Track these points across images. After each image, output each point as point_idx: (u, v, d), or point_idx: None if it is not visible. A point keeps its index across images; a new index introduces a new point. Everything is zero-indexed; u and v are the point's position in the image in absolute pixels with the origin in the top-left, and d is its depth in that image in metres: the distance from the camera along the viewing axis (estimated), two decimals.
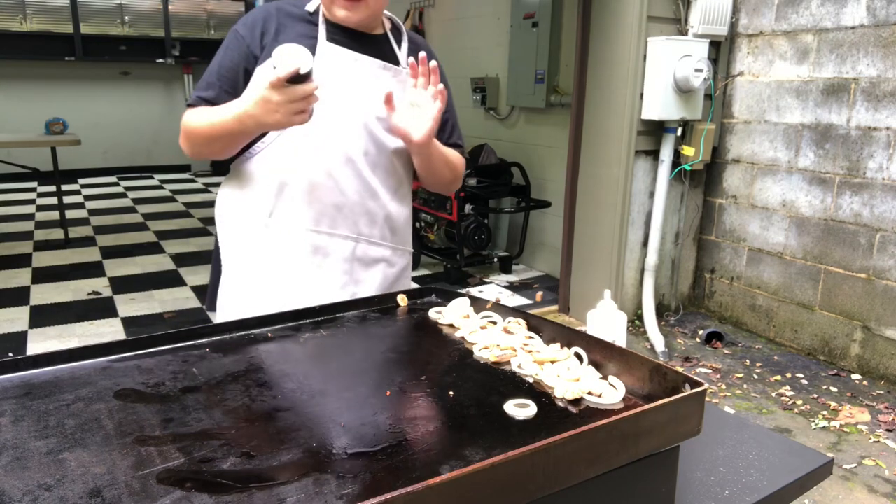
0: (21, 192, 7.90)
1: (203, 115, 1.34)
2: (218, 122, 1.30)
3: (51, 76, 8.74)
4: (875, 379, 3.27)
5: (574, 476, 0.72)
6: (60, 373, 0.94)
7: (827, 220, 3.45)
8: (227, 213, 1.48)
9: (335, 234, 1.42)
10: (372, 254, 1.48)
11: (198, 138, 1.36)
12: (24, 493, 0.66)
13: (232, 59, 1.39)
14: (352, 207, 1.42)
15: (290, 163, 1.38)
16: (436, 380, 0.96)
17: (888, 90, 3.13)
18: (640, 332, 3.80)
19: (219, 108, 1.31)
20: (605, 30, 3.65)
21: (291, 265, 1.41)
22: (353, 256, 1.45)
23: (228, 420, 0.82)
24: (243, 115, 1.24)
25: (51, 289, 4.42)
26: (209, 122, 1.31)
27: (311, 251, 1.41)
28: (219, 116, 1.29)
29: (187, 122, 1.37)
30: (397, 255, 1.54)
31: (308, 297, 1.36)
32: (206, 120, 1.32)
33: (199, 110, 1.36)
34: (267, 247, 1.41)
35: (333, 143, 1.39)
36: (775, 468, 1.02)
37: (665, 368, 0.88)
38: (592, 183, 3.86)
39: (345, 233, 1.43)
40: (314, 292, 1.40)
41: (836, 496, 2.36)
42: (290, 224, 1.40)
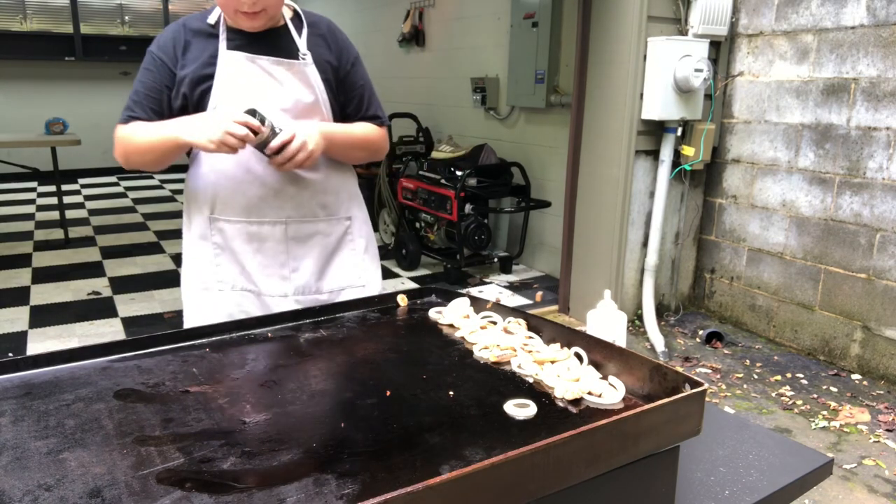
0: (21, 192, 7.90)
1: (139, 131, 1.47)
2: (156, 138, 1.45)
3: (51, 76, 8.74)
4: (875, 379, 3.27)
5: (574, 476, 0.72)
6: (60, 373, 0.94)
7: (827, 220, 3.45)
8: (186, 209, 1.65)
9: (265, 222, 1.55)
10: (304, 230, 1.60)
11: (133, 152, 1.50)
12: (24, 493, 0.66)
13: (154, 79, 1.52)
14: (275, 195, 1.55)
15: (218, 164, 1.52)
16: (436, 380, 0.96)
17: (888, 90, 3.13)
18: (640, 332, 3.80)
19: (155, 126, 1.47)
20: (605, 30, 3.65)
21: (234, 253, 1.57)
22: (286, 237, 1.58)
23: (228, 420, 0.82)
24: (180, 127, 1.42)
25: (51, 289, 4.42)
26: (146, 139, 1.46)
27: (247, 239, 1.56)
28: (156, 133, 1.45)
29: (122, 137, 1.50)
30: (332, 224, 1.65)
31: (253, 278, 1.56)
32: (143, 136, 1.47)
33: (134, 126, 1.49)
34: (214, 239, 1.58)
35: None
36: (775, 468, 1.02)
37: (665, 368, 0.88)
38: (592, 183, 3.86)
39: (273, 218, 1.56)
40: (257, 273, 1.57)
41: (836, 496, 2.36)
42: (228, 218, 1.56)
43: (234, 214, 1.55)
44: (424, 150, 5.61)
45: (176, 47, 1.53)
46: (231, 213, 1.56)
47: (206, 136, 1.36)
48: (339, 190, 1.66)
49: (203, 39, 1.53)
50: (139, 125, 1.49)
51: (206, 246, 1.59)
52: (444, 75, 5.97)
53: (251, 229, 1.56)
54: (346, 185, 1.69)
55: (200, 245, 1.60)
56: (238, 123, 1.36)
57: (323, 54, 1.60)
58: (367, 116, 1.69)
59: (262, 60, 1.52)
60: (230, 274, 1.58)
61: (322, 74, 1.59)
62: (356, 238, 1.70)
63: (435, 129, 5.90)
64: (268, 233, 1.57)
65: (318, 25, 1.63)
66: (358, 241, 1.70)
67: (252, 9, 1.45)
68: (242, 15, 1.47)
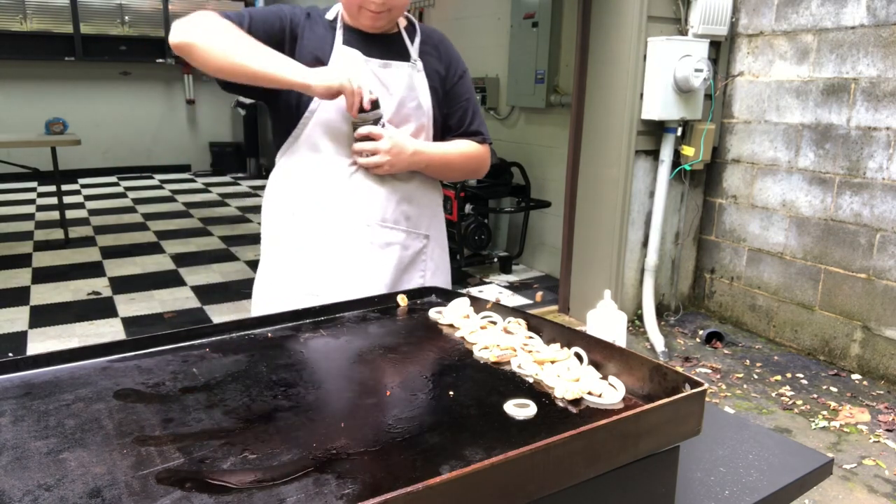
0: (21, 192, 7.90)
1: (245, 37, 1.35)
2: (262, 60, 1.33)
3: (51, 76, 8.75)
4: (875, 379, 3.27)
5: (574, 476, 0.72)
6: (60, 373, 0.94)
7: (827, 220, 3.45)
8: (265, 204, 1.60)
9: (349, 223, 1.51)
10: (383, 237, 1.54)
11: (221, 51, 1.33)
12: (24, 493, 0.66)
13: (274, 21, 1.45)
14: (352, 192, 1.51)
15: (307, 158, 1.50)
16: (436, 380, 0.96)
17: (888, 90, 3.13)
18: (640, 332, 3.80)
19: (265, 48, 1.35)
20: (605, 30, 3.65)
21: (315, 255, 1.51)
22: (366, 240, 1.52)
23: (228, 420, 0.82)
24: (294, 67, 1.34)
25: (51, 289, 4.42)
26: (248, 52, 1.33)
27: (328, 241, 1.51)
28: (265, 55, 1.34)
29: (216, 27, 1.35)
30: (411, 238, 1.59)
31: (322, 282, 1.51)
32: (247, 46, 1.34)
33: (236, 28, 1.37)
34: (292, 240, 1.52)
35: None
36: (775, 468, 1.02)
37: (665, 368, 0.88)
38: (592, 183, 3.86)
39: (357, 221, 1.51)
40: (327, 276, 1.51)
41: (836, 496, 2.36)
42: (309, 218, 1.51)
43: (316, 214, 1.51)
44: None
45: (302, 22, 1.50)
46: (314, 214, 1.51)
47: (326, 78, 1.33)
48: (424, 204, 1.61)
49: (323, 29, 1.51)
50: (243, 34, 1.37)
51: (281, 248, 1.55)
52: None
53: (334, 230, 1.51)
54: (431, 201, 1.65)
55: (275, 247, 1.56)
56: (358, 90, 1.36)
57: (432, 63, 1.59)
58: (470, 132, 1.67)
59: (373, 63, 1.50)
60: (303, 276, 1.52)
61: (429, 82, 1.56)
62: (428, 260, 1.64)
63: None
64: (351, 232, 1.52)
65: (430, 36, 1.62)
66: (429, 264, 1.64)
67: (379, 8, 1.43)
68: (367, 13, 1.45)
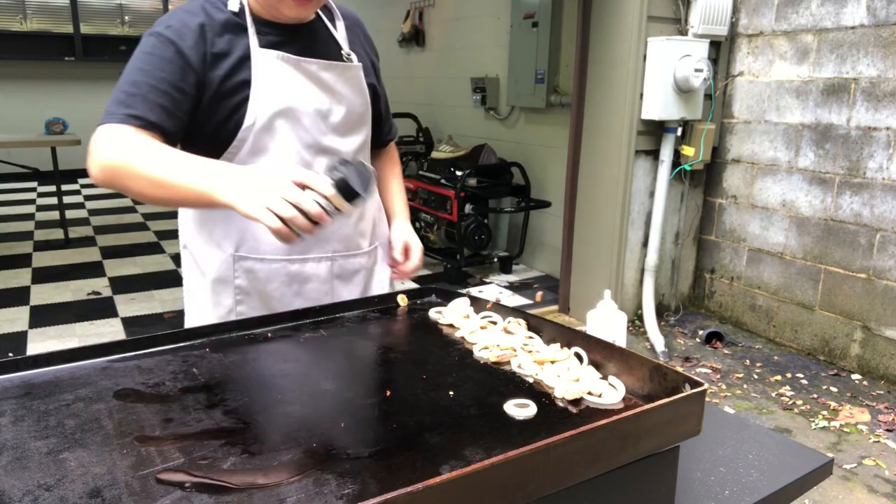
0: (21, 192, 7.90)
1: (147, 152, 1.06)
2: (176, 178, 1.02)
3: (51, 76, 8.75)
4: (875, 379, 3.27)
5: (574, 476, 0.72)
6: (60, 373, 0.94)
7: (827, 220, 3.45)
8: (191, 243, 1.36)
9: (309, 259, 1.32)
10: (349, 267, 1.39)
11: (133, 177, 1.06)
12: (24, 493, 0.66)
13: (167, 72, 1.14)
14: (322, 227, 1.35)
15: None
16: (436, 380, 0.96)
17: (888, 90, 3.13)
18: (640, 332, 3.80)
19: (173, 157, 1.06)
20: (605, 30, 3.65)
21: (267, 298, 1.32)
22: (331, 275, 1.36)
23: (228, 420, 0.82)
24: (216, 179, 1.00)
25: (51, 289, 4.42)
26: (160, 172, 1.03)
27: (286, 281, 1.31)
28: (178, 171, 1.03)
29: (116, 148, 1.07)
30: (371, 255, 1.45)
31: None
32: (155, 165, 1.04)
33: (137, 140, 1.08)
34: (239, 283, 1.30)
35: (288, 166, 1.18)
36: (775, 468, 1.02)
37: (665, 368, 0.88)
38: (592, 183, 3.86)
39: (318, 254, 1.33)
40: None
41: (836, 496, 2.36)
42: (261, 255, 1.29)
43: (269, 252, 1.28)
44: (424, 150, 5.61)
45: (202, 38, 1.17)
46: (266, 252, 1.28)
47: (259, 203, 0.94)
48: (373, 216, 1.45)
49: (229, 32, 1.20)
50: (146, 143, 1.08)
51: (226, 291, 1.31)
52: (444, 75, 5.97)
53: (292, 269, 1.31)
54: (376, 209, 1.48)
55: (217, 291, 1.31)
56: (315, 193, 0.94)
57: (362, 54, 1.37)
58: (389, 137, 1.51)
59: (310, 65, 1.25)
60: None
61: (367, 78, 1.35)
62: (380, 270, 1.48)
63: (435, 129, 5.90)
64: (311, 271, 1.33)
65: (349, 17, 1.39)
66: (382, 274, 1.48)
67: None
68: (291, 2, 1.19)
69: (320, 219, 0.95)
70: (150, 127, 1.11)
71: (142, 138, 1.09)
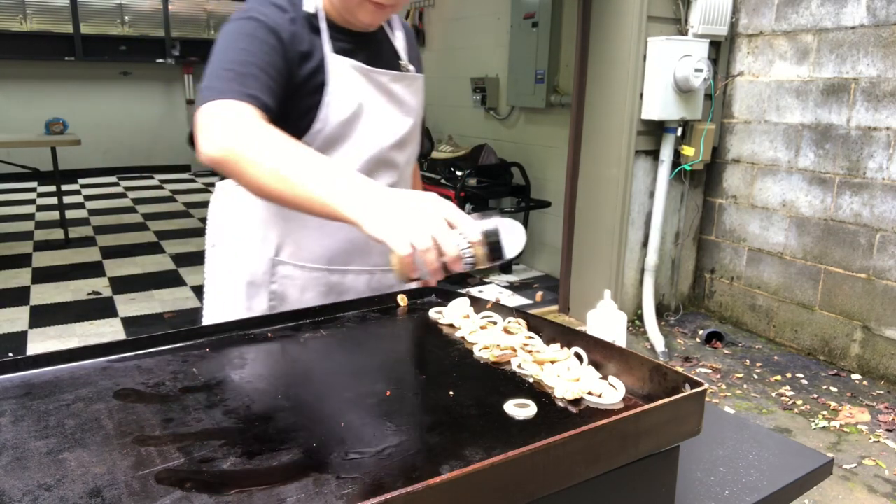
0: (21, 192, 7.90)
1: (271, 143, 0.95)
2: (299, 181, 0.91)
3: (51, 76, 8.75)
4: (875, 379, 3.27)
5: (574, 476, 0.72)
6: (60, 373, 0.94)
7: (827, 220, 3.45)
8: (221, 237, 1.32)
9: (349, 271, 1.30)
10: (386, 281, 1.35)
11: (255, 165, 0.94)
12: (24, 493, 0.66)
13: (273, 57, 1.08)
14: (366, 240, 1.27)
15: None
16: (436, 380, 0.96)
17: (888, 90, 3.13)
18: (640, 332, 3.80)
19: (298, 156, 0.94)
20: (605, 30, 3.65)
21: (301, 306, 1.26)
22: (368, 289, 1.33)
23: (228, 420, 0.82)
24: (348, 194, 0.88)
25: (51, 289, 4.42)
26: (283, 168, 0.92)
27: (324, 291, 1.29)
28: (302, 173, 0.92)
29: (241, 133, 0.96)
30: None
31: None
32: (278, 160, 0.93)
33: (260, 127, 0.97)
34: (274, 288, 1.27)
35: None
36: (775, 468, 1.02)
37: (665, 368, 0.88)
38: (592, 183, 3.86)
39: (359, 267, 1.30)
40: None
41: (836, 496, 2.36)
42: (301, 262, 1.26)
43: (311, 260, 1.26)
44: (424, 150, 5.61)
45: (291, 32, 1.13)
46: (307, 259, 1.26)
47: (395, 227, 0.83)
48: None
49: (307, 32, 1.16)
50: (270, 129, 0.97)
51: (260, 295, 1.27)
52: (444, 75, 5.97)
53: (332, 279, 1.28)
54: None
55: (250, 294, 1.27)
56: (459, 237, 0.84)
57: (416, 65, 1.34)
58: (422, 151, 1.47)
59: (381, 76, 1.23)
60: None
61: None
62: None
63: (435, 129, 5.90)
64: (350, 284, 1.30)
65: (406, 28, 1.37)
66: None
67: (390, 0, 1.16)
68: (369, 7, 1.16)
69: (453, 265, 0.85)
70: (265, 110, 1.03)
71: (264, 123, 0.99)
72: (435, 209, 0.85)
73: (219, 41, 1.10)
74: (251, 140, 0.95)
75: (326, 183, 0.90)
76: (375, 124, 1.24)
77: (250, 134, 0.96)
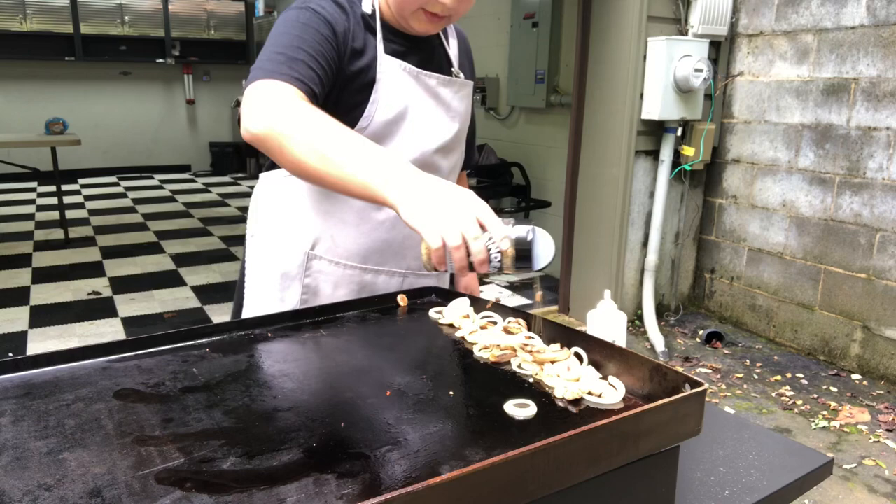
0: (21, 192, 7.91)
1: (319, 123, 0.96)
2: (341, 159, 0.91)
3: (51, 76, 8.75)
4: (875, 379, 3.27)
5: (574, 476, 0.72)
6: (60, 373, 0.94)
7: (827, 220, 3.45)
8: (260, 228, 1.33)
9: (382, 272, 1.30)
10: (418, 285, 1.35)
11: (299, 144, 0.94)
12: (24, 493, 0.66)
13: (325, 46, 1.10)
14: (402, 242, 1.28)
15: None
16: (436, 380, 0.96)
17: (888, 90, 3.13)
18: (640, 332, 3.80)
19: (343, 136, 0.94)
20: (605, 30, 3.65)
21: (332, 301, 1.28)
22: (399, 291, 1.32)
23: (228, 420, 0.82)
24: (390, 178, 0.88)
25: (51, 289, 4.42)
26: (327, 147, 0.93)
27: (356, 290, 1.30)
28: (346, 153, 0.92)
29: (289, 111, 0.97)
30: (439, 280, 1.42)
31: None
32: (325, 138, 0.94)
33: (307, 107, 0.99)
34: (308, 281, 1.28)
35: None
36: (775, 468, 1.02)
37: (665, 368, 0.88)
38: (592, 183, 3.86)
39: (392, 268, 1.31)
40: None
41: (836, 496, 2.36)
42: (336, 258, 1.27)
43: (346, 257, 1.27)
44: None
45: (347, 28, 1.16)
46: (342, 255, 1.26)
47: (430, 218, 0.83)
48: None
49: (363, 30, 1.19)
50: (315, 111, 0.98)
51: (293, 287, 1.28)
52: None
53: (365, 278, 1.29)
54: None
55: (284, 286, 1.29)
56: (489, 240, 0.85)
57: (468, 73, 1.36)
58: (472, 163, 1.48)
59: (430, 79, 1.25)
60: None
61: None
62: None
63: None
64: (382, 285, 1.31)
65: (461, 36, 1.38)
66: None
67: (445, 11, 1.17)
68: (425, 16, 1.18)
69: (479, 265, 0.85)
70: (311, 95, 1.05)
71: (308, 104, 1.00)
72: (471, 208, 0.86)
73: (274, 27, 1.13)
74: (294, 118, 0.96)
75: (368, 164, 0.90)
76: (421, 127, 1.25)
77: (293, 113, 0.97)
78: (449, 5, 1.15)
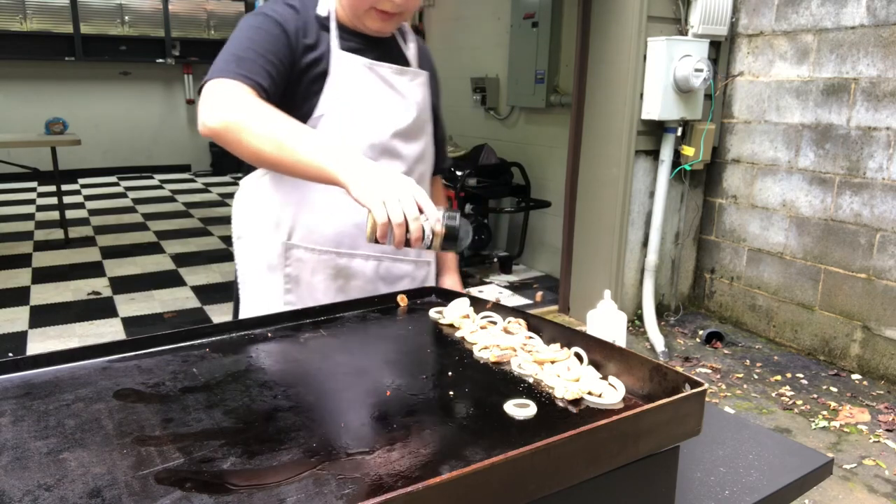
0: (21, 192, 7.91)
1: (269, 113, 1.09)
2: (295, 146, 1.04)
3: (51, 76, 8.75)
4: (875, 379, 3.27)
5: (574, 476, 0.72)
6: (60, 373, 0.94)
7: (827, 220, 3.45)
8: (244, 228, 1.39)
9: (356, 255, 1.34)
10: (395, 271, 1.39)
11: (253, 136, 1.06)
12: (24, 493, 0.66)
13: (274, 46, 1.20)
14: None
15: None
16: (436, 380, 0.96)
17: (888, 90, 3.13)
18: (640, 332, 3.80)
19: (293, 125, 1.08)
20: (605, 30, 3.65)
21: (313, 290, 1.34)
22: (376, 276, 1.37)
23: (228, 420, 0.82)
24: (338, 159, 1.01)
25: (51, 289, 4.42)
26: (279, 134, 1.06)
27: (332, 275, 1.33)
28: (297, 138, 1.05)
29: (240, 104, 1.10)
30: (419, 267, 1.45)
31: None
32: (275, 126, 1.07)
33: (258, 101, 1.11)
34: (289, 271, 1.34)
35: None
36: (775, 468, 1.02)
37: (665, 368, 0.88)
38: (592, 183, 3.86)
39: (366, 252, 1.34)
40: None
41: (836, 496, 2.36)
42: (311, 245, 1.32)
43: (320, 243, 1.31)
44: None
45: (298, 26, 1.25)
46: (317, 242, 1.31)
47: (376, 194, 0.97)
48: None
49: (317, 30, 1.28)
50: (265, 105, 1.11)
51: (275, 278, 1.34)
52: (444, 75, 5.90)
53: (340, 262, 1.33)
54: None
55: (268, 278, 1.35)
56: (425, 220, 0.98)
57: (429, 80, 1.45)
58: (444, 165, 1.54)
59: (383, 69, 1.31)
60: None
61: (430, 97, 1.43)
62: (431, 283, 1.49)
63: None
64: (357, 269, 1.35)
65: (423, 49, 1.47)
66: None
67: (395, 9, 1.25)
68: (376, 14, 1.26)
69: (415, 242, 0.98)
70: (259, 90, 1.15)
71: (257, 99, 1.12)
72: (412, 191, 0.99)
73: (232, 34, 1.24)
74: (246, 112, 1.08)
75: (319, 149, 1.03)
76: (376, 112, 1.32)
77: (245, 107, 1.09)
78: (398, 2, 1.24)
